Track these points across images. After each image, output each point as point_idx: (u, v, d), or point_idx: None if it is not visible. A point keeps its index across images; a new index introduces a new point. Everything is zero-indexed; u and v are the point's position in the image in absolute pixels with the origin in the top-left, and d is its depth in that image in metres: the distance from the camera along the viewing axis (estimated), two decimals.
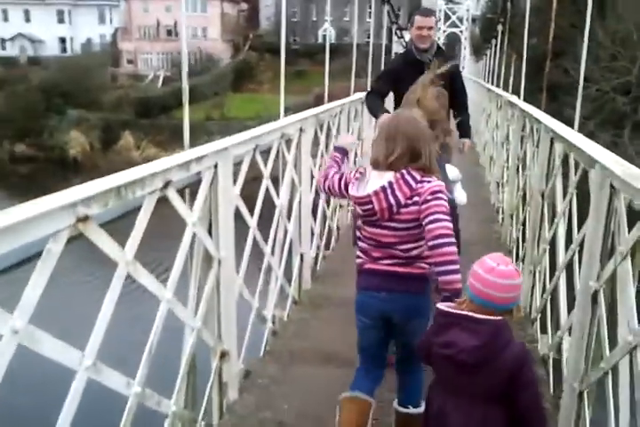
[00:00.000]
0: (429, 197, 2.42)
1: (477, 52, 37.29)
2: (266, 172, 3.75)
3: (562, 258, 3.64)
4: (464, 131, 4.97)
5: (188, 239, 2.63)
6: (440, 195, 2.43)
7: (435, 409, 2.19)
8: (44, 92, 39.64)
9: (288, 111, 4.38)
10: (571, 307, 3.11)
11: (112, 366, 2.03)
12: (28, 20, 54.28)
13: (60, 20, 54.78)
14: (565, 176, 3.72)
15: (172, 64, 51.10)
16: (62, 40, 54.92)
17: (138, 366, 2.27)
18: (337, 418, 2.67)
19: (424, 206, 2.41)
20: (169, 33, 54.31)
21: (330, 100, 6.16)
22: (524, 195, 5.54)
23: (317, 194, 5.03)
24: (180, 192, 2.55)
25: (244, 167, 3.36)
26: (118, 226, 2.37)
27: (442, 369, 2.17)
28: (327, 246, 5.90)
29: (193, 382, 2.82)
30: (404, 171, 2.45)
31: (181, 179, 2.51)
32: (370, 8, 14.12)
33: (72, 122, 39.02)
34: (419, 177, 2.45)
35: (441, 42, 50.27)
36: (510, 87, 10.80)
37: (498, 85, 13.08)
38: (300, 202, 4.56)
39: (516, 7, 12.65)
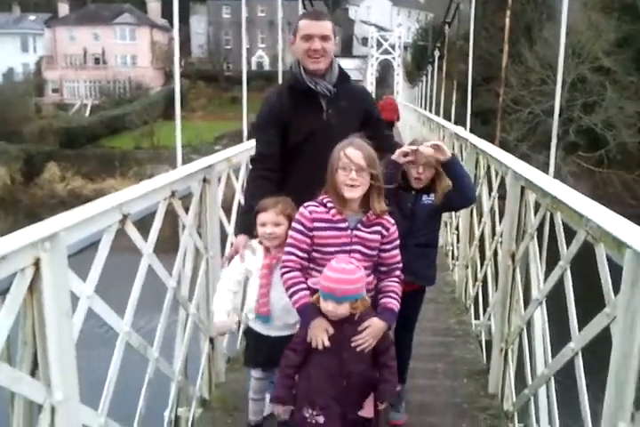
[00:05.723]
0: None
1: (411, 78, 38.85)
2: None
3: (488, 252, 4.42)
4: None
5: (185, 239, 3.22)
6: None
7: None
8: None
9: (222, 139, 4.67)
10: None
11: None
12: None
13: None
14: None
15: (100, 92, 50.90)
16: None
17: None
18: None
19: None
20: (97, 61, 54.15)
21: None
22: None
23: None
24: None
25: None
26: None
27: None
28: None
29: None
30: None
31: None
32: None
33: None
34: None
35: (374, 69, 50.07)
36: (442, 111, 11.75)
37: (437, 113, 13.31)
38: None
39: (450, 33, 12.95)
